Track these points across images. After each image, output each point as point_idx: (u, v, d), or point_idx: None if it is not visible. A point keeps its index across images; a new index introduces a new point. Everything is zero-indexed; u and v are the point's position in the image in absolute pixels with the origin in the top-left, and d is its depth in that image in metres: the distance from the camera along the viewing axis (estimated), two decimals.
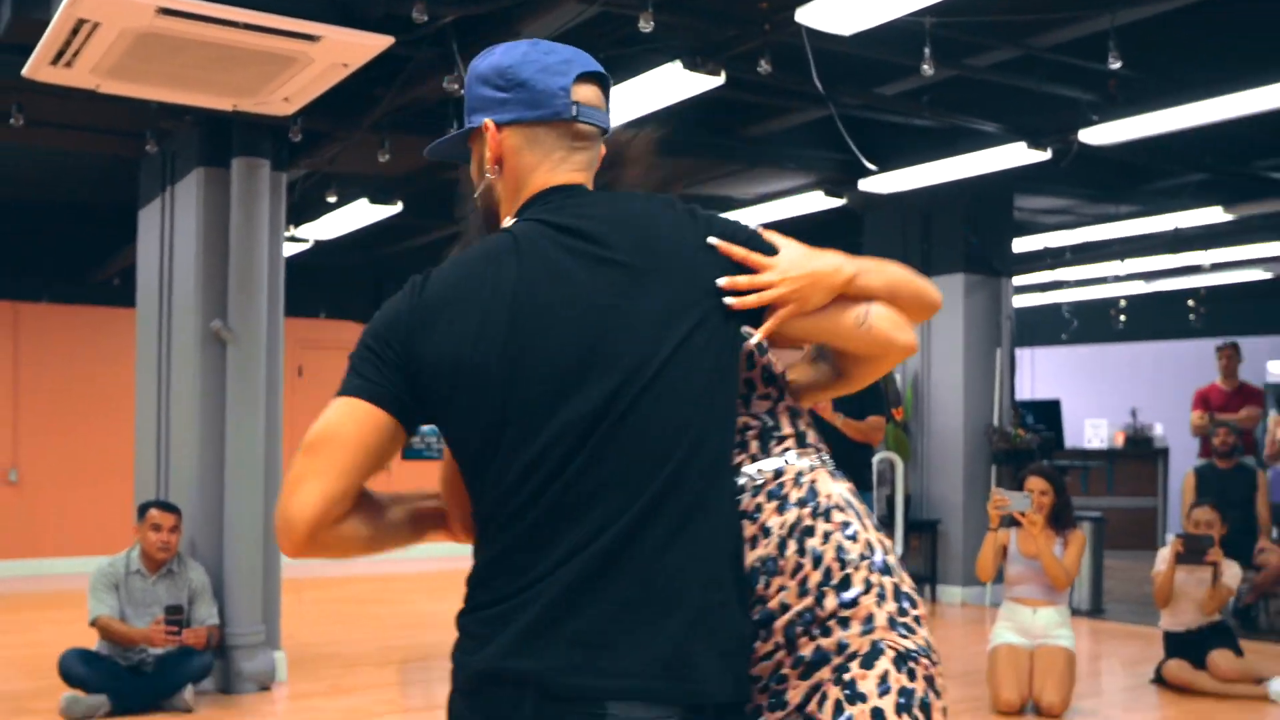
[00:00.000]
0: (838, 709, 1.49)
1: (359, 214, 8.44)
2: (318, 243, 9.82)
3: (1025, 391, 12.72)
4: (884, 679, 1.49)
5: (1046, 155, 7.41)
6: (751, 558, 1.57)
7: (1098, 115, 6.95)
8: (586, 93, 1.70)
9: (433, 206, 9.58)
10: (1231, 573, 6.29)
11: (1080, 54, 6.25)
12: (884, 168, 7.88)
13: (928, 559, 9.25)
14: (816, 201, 8.61)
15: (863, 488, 6.34)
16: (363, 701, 5.93)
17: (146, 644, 5.46)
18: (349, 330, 11.97)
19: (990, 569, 5.99)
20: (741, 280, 1.60)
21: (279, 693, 5.92)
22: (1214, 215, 9.37)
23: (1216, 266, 11.27)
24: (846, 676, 1.50)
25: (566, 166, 1.69)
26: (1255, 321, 13.04)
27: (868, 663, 1.50)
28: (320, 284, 10.98)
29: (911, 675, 1.49)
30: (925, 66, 5.26)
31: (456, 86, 4.92)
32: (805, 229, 10.13)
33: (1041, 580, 5.88)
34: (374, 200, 8.06)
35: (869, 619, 1.52)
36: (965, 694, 6.08)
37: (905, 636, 1.52)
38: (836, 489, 1.64)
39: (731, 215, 1.72)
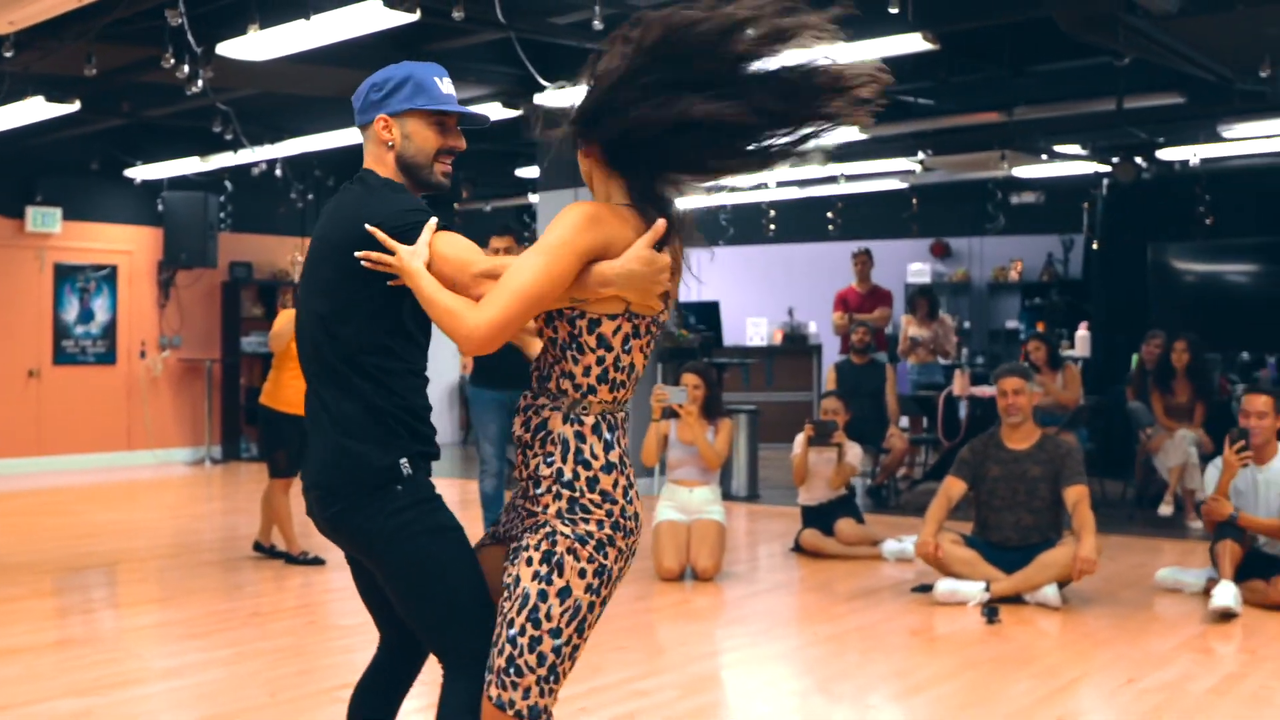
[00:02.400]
0: (513, 551, 2.67)
1: (27, 110, 8.78)
2: None
3: (689, 293, 14.14)
4: (539, 543, 2.60)
5: None
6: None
7: None
8: None
9: (102, 103, 9.94)
10: (854, 453, 7.89)
11: None
12: (559, 84, 8.98)
13: None
14: (496, 111, 9.60)
15: None
16: (68, 601, 6.65)
17: None
18: None
19: (654, 455, 7.35)
20: (374, 255, 2.67)
21: None
22: (852, 134, 11.03)
23: (852, 178, 13.12)
24: (524, 537, 2.65)
25: None
26: (894, 227, 15.08)
27: (534, 530, 2.63)
28: None
29: (555, 543, 2.58)
30: (596, 23, 6.42)
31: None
32: (488, 134, 11.11)
33: (697, 463, 7.26)
34: (50, 99, 8.44)
35: (545, 508, 2.62)
36: (633, 566, 7.43)
37: (566, 524, 2.59)
38: (559, 429, 2.62)
39: None
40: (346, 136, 10.76)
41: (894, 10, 6.51)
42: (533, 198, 14.20)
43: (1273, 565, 6.40)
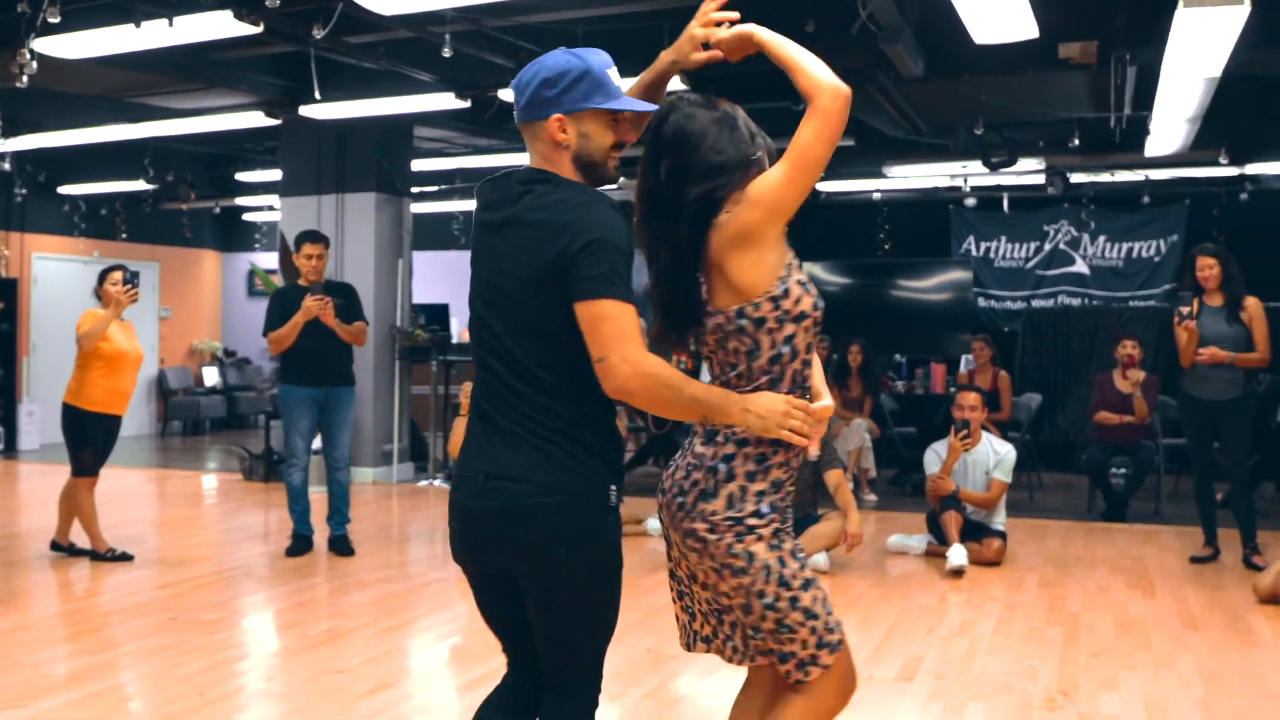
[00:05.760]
0: None
1: None
2: None
3: (421, 295, 13.86)
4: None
5: (467, 104, 8.69)
6: None
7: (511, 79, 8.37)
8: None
9: None
10: None
11: (514, 34, 7.61)
12: (326, 98, 8.67)
13: None
14: (257, 120, 9.13)
15: (350, 381, 7.28)
16: None
17: None
18: None
19: (459, 446, 7.28)
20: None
21: None
22: None
23: None
24: None
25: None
26: None
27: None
28: None
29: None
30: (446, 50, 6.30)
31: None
32: (212, 138, 10.51)
33: None
34: None
35: None
36: (424, 553, 7.36)
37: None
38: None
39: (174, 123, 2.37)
40: (82, 136, 9.90)
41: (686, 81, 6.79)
42: (256, 199, 13.55)
43: (981, 530, 7.19)
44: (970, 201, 12.73)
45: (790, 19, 7.05)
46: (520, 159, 11.58)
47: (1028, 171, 11.07)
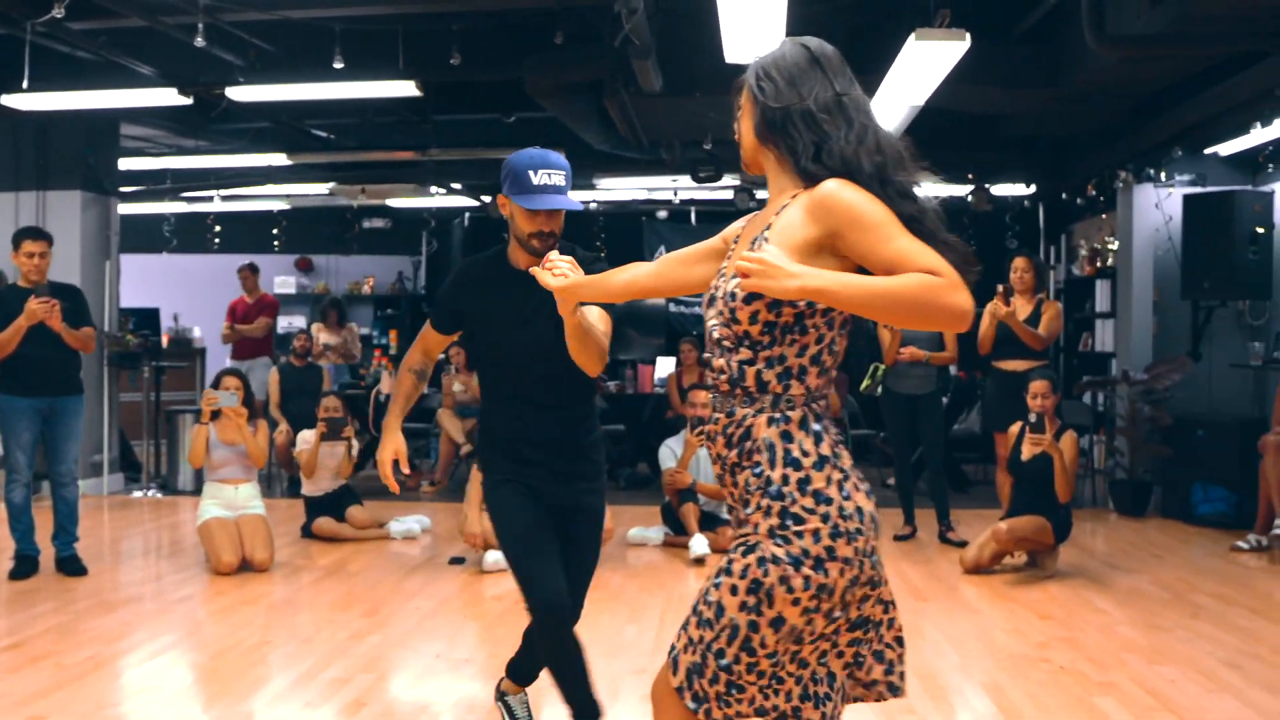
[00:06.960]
0: (723, 570, 2.14)
1: None
2: None
3: (131, 299, 12.55)
4: (746, 568, 2.09)
5: (189, 101, 7.96)
6: (714, 470, 2.29)
7: (244, 78, 7.74)
8: None
9: None
10: (356, 445, 7.71)
11: (261, 30, 7.01)
12: (32, 88, 7.70)
13: None
14: None
15: (78, 390, 6.48)
16: None
17: None
18: None
19: (201, 457, 6.63)
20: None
21: None
22: (280, 159, 10.58)
23: (229, 198, 12.54)
24: (732, 557, 2.15)
25: None
26: (264, 243, 14.54)
27: (746, 553, 2.12)
28: None
29: (766, 572, 2.07)
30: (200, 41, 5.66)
31: None
32: None
33: (242, 462, 6.69)
34: None
35: (755, 527, 2.13)
36: (161, 569, 6.67)
37: (779, 545, 2.09)
38: (765, 434, 2.14)
39: None
40: None
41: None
42: None
43: (713, 520, 7.29)
44: (661, 214, 12.98)
45: (539, 29, 6.89)
46: (229, 160, 10.79)
47: (718, 187, 11.40)
